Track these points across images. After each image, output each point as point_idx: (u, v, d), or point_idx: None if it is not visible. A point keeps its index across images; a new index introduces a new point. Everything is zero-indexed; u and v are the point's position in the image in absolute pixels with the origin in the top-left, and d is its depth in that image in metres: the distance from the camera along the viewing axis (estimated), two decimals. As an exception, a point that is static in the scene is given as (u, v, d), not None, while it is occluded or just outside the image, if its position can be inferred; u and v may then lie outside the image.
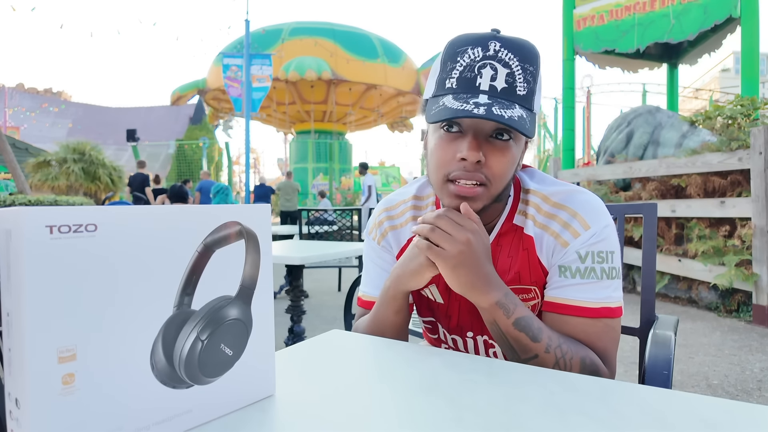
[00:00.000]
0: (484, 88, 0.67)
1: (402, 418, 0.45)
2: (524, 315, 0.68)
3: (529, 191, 0.80)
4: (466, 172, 0.69)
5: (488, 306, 0.67)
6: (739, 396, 2.11)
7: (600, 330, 0.71)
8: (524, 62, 0.68)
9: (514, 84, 0.67)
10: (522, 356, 0.68)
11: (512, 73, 0.67)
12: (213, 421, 0.45)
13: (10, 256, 0.35)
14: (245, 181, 11.28)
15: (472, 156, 0.67)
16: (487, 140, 0.69)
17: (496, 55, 0.67)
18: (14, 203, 5.79)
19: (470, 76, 0.68)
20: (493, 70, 0.67)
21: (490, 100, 0.65)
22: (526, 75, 0.68)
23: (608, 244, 0.72)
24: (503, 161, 0.69)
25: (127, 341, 0.39)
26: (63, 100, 27.24)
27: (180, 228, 0.42)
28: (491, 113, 0.63)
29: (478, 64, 0.67)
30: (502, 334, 0.68)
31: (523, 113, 0.66)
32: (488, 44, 0.68)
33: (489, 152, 0.69)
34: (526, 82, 0.68)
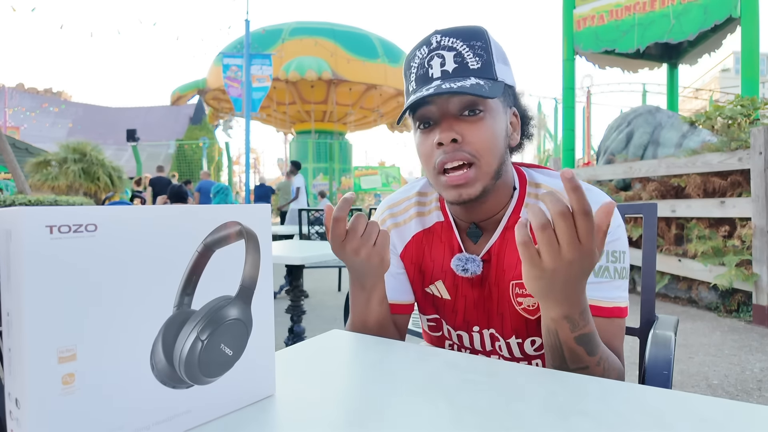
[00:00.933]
0: (436, 75, 0.70)
1: (402, 418, 0.45)
2: (591, 332, 0.61)
3: (539, 185, 0.80)
4: (447, 155, 0.70)
5: (555, 317, 0.60)
6: (739, 396, 2.11)
7: (612, 329, 0.70)
8: (469, 40, 0.70)
9: (464, 62, 0.70)
10: (571, 366, 0.62)
11: (459, 53, 0.70)
12: (213, 421, 0.45)
13: (10, 256, 0.35)
14: (245, 181, 11.27)
15: (445, 137, 0.69)
16: (458, 119, 0.71)
17: (440, 45, 0.71)
18: (14, 203, 5.79)
19: (422, 72, 0.72)
20: (440, 57, 0.70)
21: (441, 81, 0.69)
22: (475, 50, 0.70)
23: (621, 244, 0.72)
24: (481, 134, 0.70)
25: (127, 341, 0.39)
26: (63, 100, 27.23)
27: (180, 228, 0.42)
28: (440, 88, 0.66)
29: (426, 58, 0.72)
30: (559, 344, 0.62)
31: (479, 81, 0.68)
32: (431, 39, 0.72)
33: (464, 130, 0.70)
34: (478, 56, 0.70)
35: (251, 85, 11.38)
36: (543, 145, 19.96)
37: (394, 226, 0.88)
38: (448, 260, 0.82)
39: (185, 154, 20.58)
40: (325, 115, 21.59)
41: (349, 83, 18.77)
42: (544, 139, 19.70)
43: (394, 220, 0.89)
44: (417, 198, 0.89)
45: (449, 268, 0.82)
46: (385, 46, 20.04)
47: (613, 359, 0.67)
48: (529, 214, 0.54)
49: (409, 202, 0.89)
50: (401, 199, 0.90)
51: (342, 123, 22.43)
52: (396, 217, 0.89)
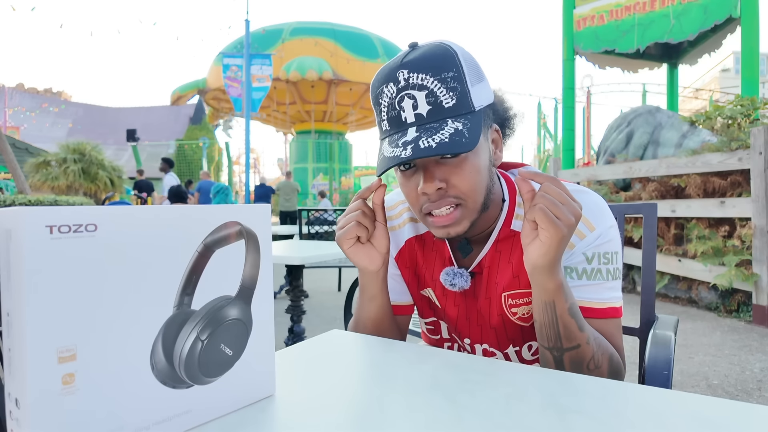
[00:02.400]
0: (410, 120, 0.66)
1: (402, 418, 0.45)
2: (575, 302, 0.67)
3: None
4: (434, 203, 0.69)
5: (555, 286, 0.64)
6: (739, 396, 2.11)
7: (606, 330, 0.71)
8: (439, 73, 0.65)
9: (437, 101, 0.65)
10: (565, 344, 0.66)
11: (432, 92, 0.65)
12: (213, 421, 0.45)
13: (10, 256, 0.35)
14: (245, 181, 11.28)
15: (428, 188, 0.66)
16: (438, 164, 0.68)
17: (408, 83, 0.66)
18: (14, 203, 5.79)
19: (395, 114, 0.67)
20: (411, 98, 0.66)
21: (417, 131, 0.65)
22: (447, 84, 0.65)
23: (613, 245, 0.72)
24: (465, 177, 0.68)
25: (127, 341, 0.39)
26: (63, 100, 27.23)
27: (180, 228, 0.42)
28: (417, 150, 0.62)
29: (396, 99, 0.67)
30: (555, 317, 0.65)
31: (458, 125, 0.64)
32: (397, 76, 0.66)
33: (447, 175, 0.67)
34: (451, 90, 0.65)
35: (251, 85, 11.39)
36: (543, 145, 19.96)
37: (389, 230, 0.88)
38: (438, 271, 0.82)
39: (185, 154, 20.58)
40: (326, 115, 21.59)
41: (350, 83, 18.77)
42: (544, 139, 19.71)
43: (389, 224, 0.88)
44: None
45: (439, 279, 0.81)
46: (385, 46, 20.05)
47: (606, 345, 0.69)
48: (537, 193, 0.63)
49: (403, 206, 0.88)
50: (396, 202, 0.89)
51: (342, 123, 22.44)
52: (391, 221, 0.88)
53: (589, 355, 0.66)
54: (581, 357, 0.66)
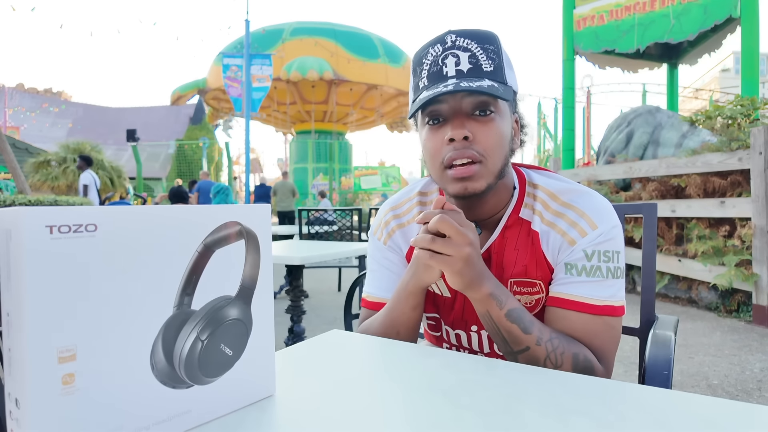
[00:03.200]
0: (451, 73, 0.72)
1: (402, 418, 0.45)
2: (516, 307, 0.69)
3: (536, 186, 0.80)
4: (457, 152, 0.72)
5: (482, 297, 0.68)
6: (739, 396, 2.11)
7: (599, 327, 0.71)
8: (483, 43, 0.72)
9: (478, 63, 0.72)
10: (514, 348, 0.69)
11: (474, 55, 0.72)
12: (213, 421, 0.45)
13: (10, 256, 0.35)
14: (245, 181, 11.28)
15: (457, 134, 0.71)
16: (469, 118, 0.72)
17: (455, 44, 0.72)
18: (14, 203, 5.79)
19: (437, 69, 0.73)
20: (455, 57, 0.72)
21: (458, 80, 0.71)
22: (488, 54, 0.72)
23: (615, 244, 0.73)
24: (490, 134, 0.72)
25: (127, 341, 0.39)
26: (63, 100, 27.22)
27: (180, 228, 0.42)
28: (459, 86, 0.68)
29: (441, 56, 0.73)
30: (495, 325, 0.69)
31: (493, 83, 0.70)
32: (445, 38, 0.73)
33: (474, 129, 0.72)
34: (491, 59, 0.72)
35: (251, 85, 11.39)
36: (543, 145, 19.96)
37: (398, 227, 0.88)
38: None
39: (185, 154, 20.58)
40: (326, 115, 21.59)
41: (350, 83, 18.78)
42: (544, 139, 19.71)
43: (398, 221, 0.89)
44: (419, 198, 0.89)
45: None
46: (385, 46, 20.05)
47: (570, 344, 0.69)
48: (416, 243, 0.69)
49: (411, 203, 0.89)
50: (404, 200, 0.91)
51: (342, 123, 22.44)
52: (400, 218, 0.89)
53: (542, 356, 0.68)
54: (534, 358, 0.68)
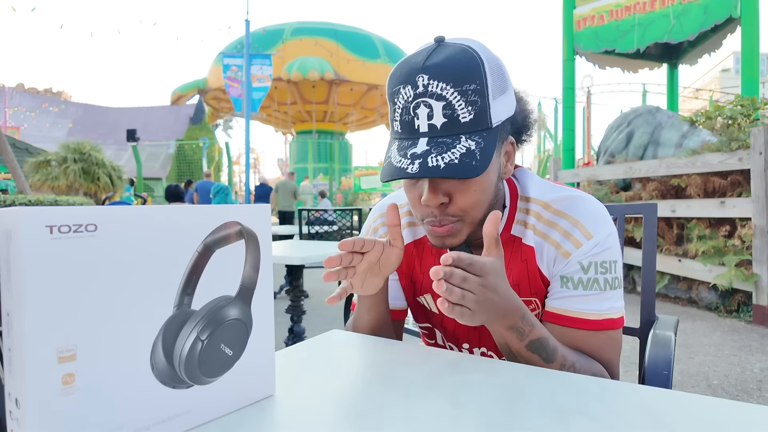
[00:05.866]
0: (423, 129, 0.63)
1: (402, 418, 0.45)
2: (540, 336, 0.64)
3: (530, 199, 0.76)
4: (434, 218, 0.67)
5: (502, 330, 0.64)
6: (739, 396, 2.11)
7: (603, 342, 0.69)
8: (461, 84, 0.61)
9: (454, 114, 0.62)
10: None
11: (449, 104, 0.61)
12: (213, 421, 0.45)
13: (10, 256, 0.35)
14: (245, 181, 11.28)
15: (431, 201, 0.64)
16: (446, 180, 0.65)
17: (426, 90, 0.62)
18: (14, 203, 5.79)
19: (408, 119, 0.64)
20: (427, 107, 0.62)
21: (429, 144, 0.62)
22: (467, 98, 0.62)
23: (611, 254, 0.70)
24: (469, 194, 0.66)
25: (127, 341, 0.39)
26: (63, 100, 27.22)
27: (180, 228, 0.42)
28: (425, 167, 0.60)
29: (412, 105, 0.63)
30: (514, 354, 0.66)
31: (471, 144, 0.62)
32: (416, 80, 0.62)
33: (452, 190, 0.66)
34: (471, 104, 0.62)
35: (251, 85, 11.39)
36: (543, 145, 19.96)
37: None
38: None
39: (185, 154, 20.58)
40: (326, 115, 21.60)
41: (351, 83, 18.78)
42: (544, 139, 19.70)
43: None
44: (408, 207, 0.86)
45: None
46: (386, 46, 20.06)
47: (589, 366, 0.67)
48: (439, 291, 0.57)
49: (402, 211, 0.86)
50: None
51: (343, 123, 22.44)
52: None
53: None
54: None
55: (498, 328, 0.63)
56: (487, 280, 0.58)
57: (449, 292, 0.56)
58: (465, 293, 0.56)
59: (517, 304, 0.63)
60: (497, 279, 0.59)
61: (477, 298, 0.57)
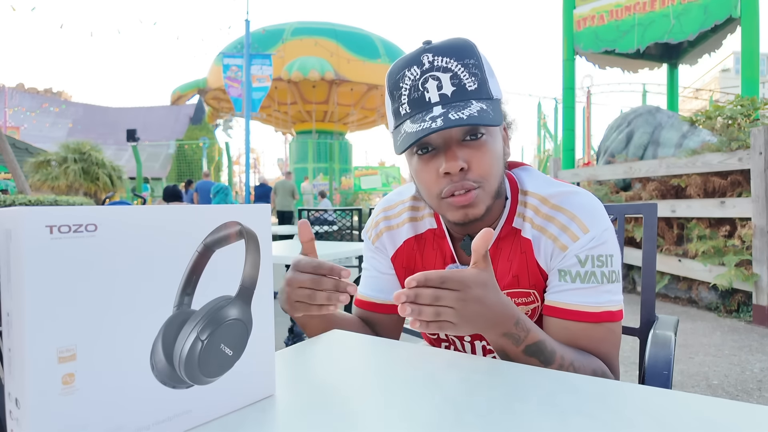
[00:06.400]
0: (434, 99, 0.68)
1: (402, 418, 0.45)
2: (536, 341, 0.65)
3: (527, 193, 0.78)
4: (455, 185, 0.69)
5: (495, 338, 0.65)
6: (739, 396, 2.11)
7: (602, 335, 0.70)
8: (462, 59, 0.68)
9: (461, 83, 0.68)
10: None
11: (455, 74, 0.68)
12: (213, 421, 0.45)
13: (10, 256, 0.35)
14: (245, 181, 11.28)
15: (453, 167, 0.67)
16: (460, 145, 0.69)
17: (433, 65, 0.68)
18: (14, 203, 5.79)
19: (418, 95, 0.69)
20: (435, 80, 0.68)
21: (444, 108, 0.66)
22: (469, 70, 0.68)
23: (608, 248, 0.71)
24: (485, 159, 0.70)
25: (127, 341, 0.39)
26: (63, 100, 27.22)
27: (180, 228, 0.42)
28: (449, 120, 0.64)
29: (420, 80, 0.69)
30: (511, 359, 0.66)
31: (482, 105, 0.67)
32: (421, 59, 0.69)
33: (468, 156, 0.69)
34: (473, 75, 0.68)
35: (251, 85, 11.39)
36: (543, 145, 19.97)
37: (387, 229, 0.88)
38: (439, 268, 0.82)
39: (185, 154, 20.59)
40: (326, 115, 21.60)
41: (351, 83, 18.78)
42: (544, 139, 19.71)
43: (387, 223, 0.89)
44: (411, 203, 0.88)
45: None
46: (386, 46, 20.06)
47: (588, 363, 0.68)
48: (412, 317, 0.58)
49: (403, 206, 0.88)
50: (396, 201, 0.90)
51: (343, 123, 22.44)
52: (390, 221, 0.89)
53: None
54: None
55: (492, 336, 0.64)
56: (468, 293, 0.58)
57: (418, 313, 0.56)
58: (440, 309, 0.57)
59: (509, 312, 0.63)
60: (483, 290, 0.60)
61: (457, 311, 0.58)
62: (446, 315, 0.57)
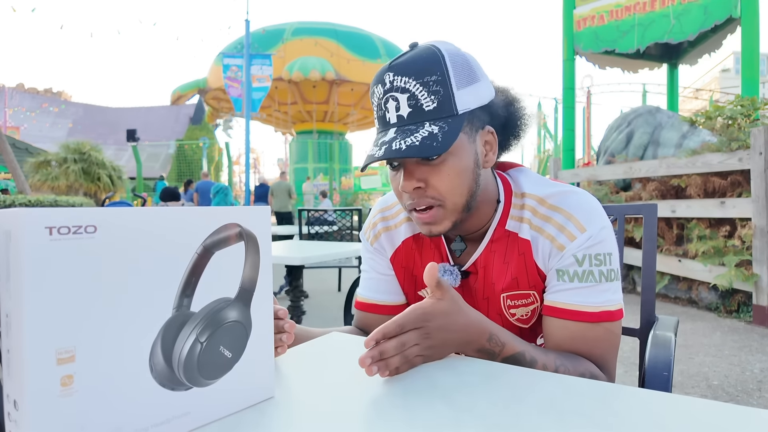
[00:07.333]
0: (393, 120, 0.70)
1: (401, 420, 0.45)
2: (513, 353, 0.65)
3: (525, 195, 0.78)
4: (413, 201, 0.71)
5: (471, 354, 0.66)
6: (739, 396, 2.11)
7: (599, 335, 0.70)
8: (422, 77, 0.67)
9: (418, 104, 0.68)
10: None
11: (413, 95, 0.68)
12: (212, 424, 0.45)
13: (10, 257, 0.35)
14: (245, 182, 11.28)
15: (406, 186, 0.70)
16: (418, 164, 0.70)
17: (392, 85, 0.69)
18: (14, 203, 5.79)
19: (381, 114, 0.71)
20: (394, 101, 0.69)
21: (396, 133, 0.68)
22: (429, 88, 0.67)
23: (605, 246, 0.71)
24: (443, 178, 0.69)
25: (126, 343, 0.39)
26: (63, 100, 27.21)
27: (180, 229, 0.42)
28: (389, 151, 0.65)
29: (383, 100, 0.70)
30: None
31: (434, 128, 0.66)
32: (384, 78, 0.70)
33: (426, 175, 0.70)
34: (433, 93, 0.67)
35: (251, 85, 11.39)
36: (543, 145, 19.97)
37: (384, 230, 0.89)
38: None
39: (185, 154, 20.58)
40: (326, 116, 21.60)
41: (351, 83, 18.78)
42: (544, 139, 19.71)
43: (385, 224, 0.89)
44: None
45: None
46: (386, 46, 20.06)
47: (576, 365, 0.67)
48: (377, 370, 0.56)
49: (400, 206, 0.88)
50: (393, 202, 0.90)
51: (343, 123, 22.44)
52: (387, 221, 0.89)
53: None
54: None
55: (467, 353, 0.65)
56: (428, 327, 0.60)
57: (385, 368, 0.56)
58: (406, 353, 0.58)
59: (480, 328, 0.64)
60: (444, 318, 0.61)
61: (422, 346, 0.59)
62: (411, 354, 0.58)
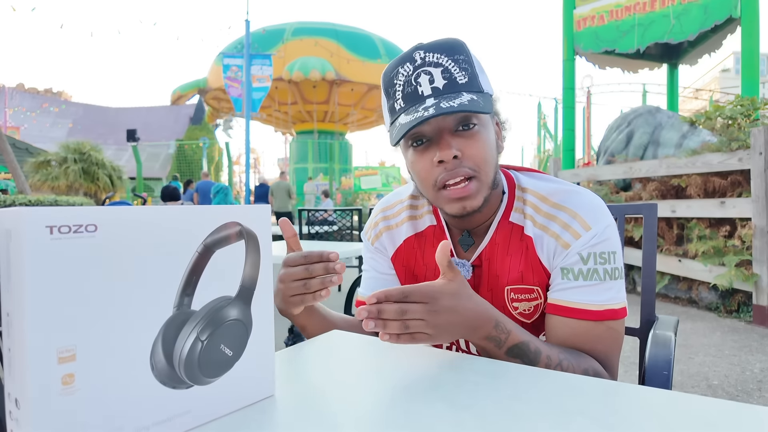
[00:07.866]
0: (427, 92, 0.70)
1: (402, 419, 0.45)
2: (518, 342, 0.65)
3: (525, 189, 0.79)
4: (449, 172, 0.70)
5: (476, 342, 0.66)
6: (739, 396, 2.11)
7: (602, 333, 0.70)
8: (453, 55, 0.71)
9: (452, 77, 0.70)
10: None
11: (446, 69, 0.70)
12: (212, 422, 0.45)
13: (10, 256, 0.35)
14: (245, 181, 11.28)
15: (446, 155, 0.69)
16: (454, 135, 0.71)
17: (425, 61, 0.71)
18: (14, 203, 5.79)
19: (411, 90, 0.71)
20: (427, 75, 0.70)
21: (436, 99, 0.69)
22: (460, 65, 0.71)
23: (610, 245, 0.72)
24: (478, 148, 0.71)
25: (127, 341, 0.39)
26: (63, 100, 27.20)
27: (180, 228, 0.42)
28: (440, 108, 0.66)
29: (413, 76, 0.71)
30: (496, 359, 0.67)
31: (472, 96, 0.69)
32: (413, 56, 0.72)
33: (461, 145, 0.70)
34: (463, 70, 0.71)
35: (251, 85, 11.39)
36: (543, 145, 19.97)
37: (386, 229, 0.89)
38: None
39: (185, 154, 20.58)
40: (327, 116, 21.59)
41: (352, 83, 18.78)
42: (544, 139, 19.71)
43: (386, 223, 0.89)
44: (410, 201, 0.89)
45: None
46: (386, 46, 20.06)
47: (578, 362, 0.68)
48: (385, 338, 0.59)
49: (402, 206, 0.89)
50: (395, 201, 0.91)
51: (343, 123, 22.44)
52: (389, 220, 0.89)
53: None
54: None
55: (473, 340, 0.65)
56: (436, 305, 0.60)
57: (383, 326, 0.57)
58: (409, 323, 0.58)
59: (487, 315, 0.64)
60: (454, 300, 0.61)
61: (429, 323, 0.59)
62: (417, 327, 0.58)
